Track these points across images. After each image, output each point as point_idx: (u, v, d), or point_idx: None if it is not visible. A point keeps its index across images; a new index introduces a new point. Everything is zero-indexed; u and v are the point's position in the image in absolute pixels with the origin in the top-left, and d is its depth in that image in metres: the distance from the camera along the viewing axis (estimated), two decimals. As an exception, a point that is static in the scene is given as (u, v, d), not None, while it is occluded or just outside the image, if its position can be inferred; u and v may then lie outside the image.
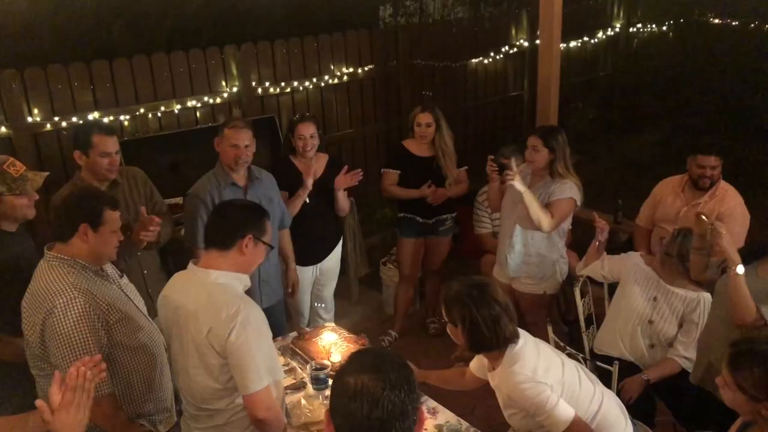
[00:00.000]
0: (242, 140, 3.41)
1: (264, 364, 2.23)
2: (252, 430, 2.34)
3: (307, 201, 3.86)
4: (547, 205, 3.63)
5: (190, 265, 2.41)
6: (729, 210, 3.71)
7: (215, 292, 2.29)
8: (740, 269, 2.67)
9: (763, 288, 2.71)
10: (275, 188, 3.69)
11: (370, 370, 1.48)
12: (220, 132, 3.48)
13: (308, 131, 3.91)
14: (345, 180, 3.96)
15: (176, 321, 2.37)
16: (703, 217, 2.84)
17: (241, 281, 2.38)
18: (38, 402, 1.88)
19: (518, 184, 3.55)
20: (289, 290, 3.95)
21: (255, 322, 2.26)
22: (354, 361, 1.56)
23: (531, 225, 3.70)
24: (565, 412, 2.36)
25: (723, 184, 3.88)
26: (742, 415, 2.14)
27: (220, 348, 2.21)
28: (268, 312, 3.29)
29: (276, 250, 3.71)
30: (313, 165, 3.91)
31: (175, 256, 3.74)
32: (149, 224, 3.11)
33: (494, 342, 2.38)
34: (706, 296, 3.17)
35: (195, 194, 3.48)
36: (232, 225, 2.36)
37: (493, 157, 3.83)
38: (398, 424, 1.44)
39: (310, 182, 3.84)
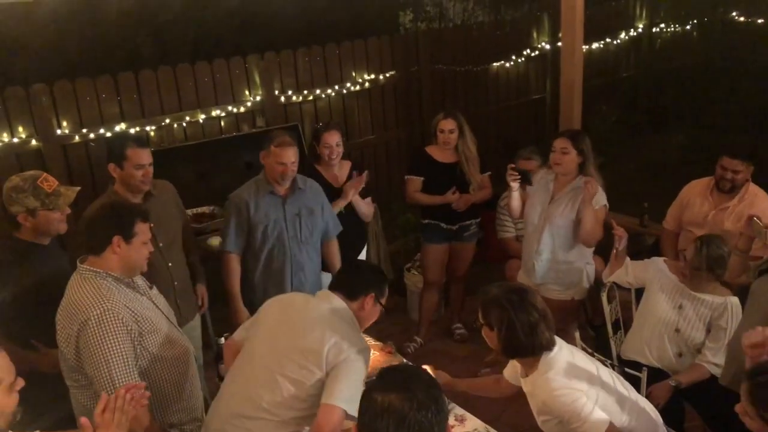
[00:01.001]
0: (289, 158, 3.44)
1: (355, 394, 2.18)
2: None
3: (343, 212, 3.89)
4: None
5: (325, 291, 2.61)
6: (760, 212, 3.64)
7: (339, 319, 2.48)
8: None
9: None
10: (320, 198, 3.69)
11: (399, 388, 1.48)
12: (266, 146, 3.50)
13: (334, 139, 3.94)
14: (352, 185, 3.97)
15: (281, 324, 2.50)
16: (756, 220, 2.81)
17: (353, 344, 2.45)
18: (82, 420, 1.93)
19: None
20: None
21: (366, 358, 2.42)
22: (383, 378, 1.56)
23: (563, 233, 3.70)
24: (600, 419, 2.34)
25: (753, 188, 3.83)
26: None
27: (332, 362, 2.32)
28: None
29: (317, 262, 3.76)
30: (339, 174, 3.95)
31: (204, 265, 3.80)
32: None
33: (530, 348, 2.36)
34: (734, 300, 3.13)
35: (231, 200, 3.57)
36: (361, 281, 2.58)
37: (513, 165, 3.82)
38: None
39: (351, 194, 3.92)
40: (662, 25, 8.45)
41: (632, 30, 7.96)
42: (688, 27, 8.61)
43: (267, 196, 3.52)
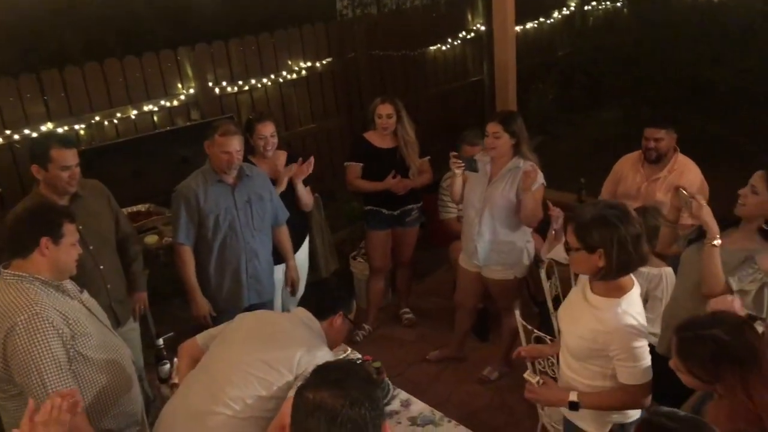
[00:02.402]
0: (234, 147, 3.42)
1: None
2: None
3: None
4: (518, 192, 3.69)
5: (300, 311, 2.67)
6: (688, 183, 3.76)
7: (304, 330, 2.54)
8: (718, 241, 2.71)
9: (727, 259, 2.75)
10: (267, 185, 3.71)
11: (332, 385, 1.44)
12: (209, 136, 3.47)
13: (268, 130, 3.88)
14: (300, 171, 3.94)
15: (261, 334, 2.52)
16: (683, 190, 2.86)
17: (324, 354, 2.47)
18: None
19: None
20: (289, 289, 3.96)
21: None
22: (317, 375, 1.52)
23: (504, 214, 3.74)
24: (650, 369, 2.31)
25: (682, 158, 3.94)
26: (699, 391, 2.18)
27: (297, 373, 2.34)
28: (256, 309, 3.32)
29: (269, 248, 3.75)
30: (275, 164, 3.89)
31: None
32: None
33: (637, 261, 2.30)
34: (668, 271, 3.21)
35: (179, 192, 3.51)
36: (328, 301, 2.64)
37: (456, 153, 3.84)
38: None
39: (284, 183, 3.89)
40: (593, 3, 8.58)
41: (564, 8, 8.06)
42: (618, 3, 8.76)
43: (215, 185, 3.49)
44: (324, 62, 5.79)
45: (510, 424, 3.80)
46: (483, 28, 6.83)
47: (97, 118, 4.61)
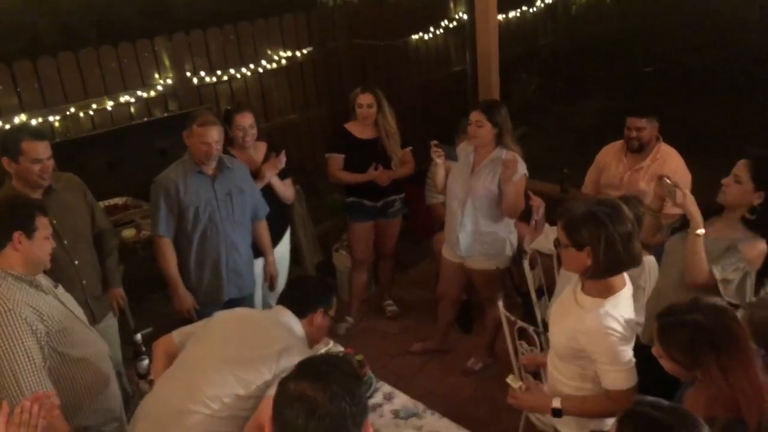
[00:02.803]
0: (212, 137, 3.35)
1: None
2: None
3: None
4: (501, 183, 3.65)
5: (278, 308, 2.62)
6: (671, 172, 3.74)
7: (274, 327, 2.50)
8: (701, 231, 2.69)
9: (710, 248, 2.74)
10: (248, 178, 3.65)
11: (314, 378, 1.43)
12: (188, 126, 3.41)
13: (247, 121, 3.81)
14: (272, 165, 3.87)
15: (234, 332, 2.49)
16: (666, 179, 2.84)
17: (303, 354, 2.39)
18: None
19: None
20: (267, 283, 3.91)
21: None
22: (301, 367, 1.50)
23: (486, 204, 3.71)
24: (634, 374, 2.25)
25: (664, 147, 3.93)
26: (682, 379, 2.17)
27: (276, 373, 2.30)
28: (236, 304, 3.30)
29: (249, 242, 3.70)
30: (254, 156, 3.83)
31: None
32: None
33: (627, 262, 2.24)
34: (651, 260, 3.20)
35: (159, 182, 3.45)
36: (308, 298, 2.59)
37: (436, 142, 3.80)
38: None
39: (269, 175, 3.82)
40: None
41: (547, -3, 8.04)
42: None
43: (195, 175, 3.43)
44: (304, 51, 5.72)
45: (494, 415, 3.78)
46: (465, 17, 6.79)
47: (72, 110, 4.51)
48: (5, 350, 2.20)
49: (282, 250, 4.12)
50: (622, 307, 2.26)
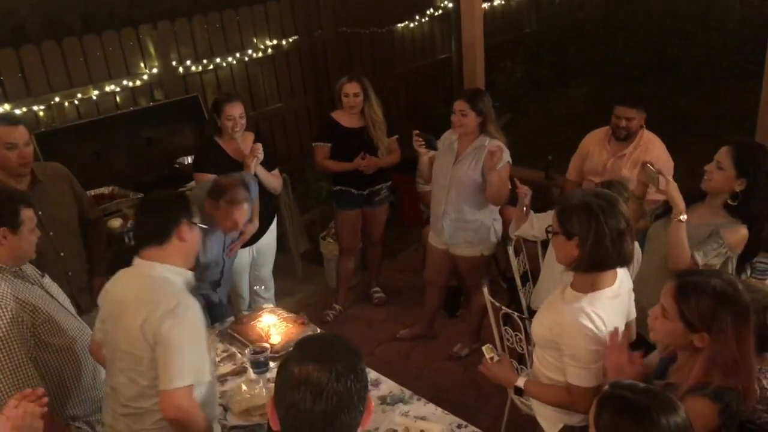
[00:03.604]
0: (243, 217, 3.21)
1: (191, 364, 2.15)
2: None
3: None
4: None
5: (135, 260, 2.31)
6: (654, 159, 3.75)
7: (158, 284, 2.23)
8: (684, 216, 2.72)
9: (693, 234, 2.79)
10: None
11: (317, 358, 1.44)
12: (213, 197, 3.18)
13: (237, 111, 3.80)
14: (250, 157, 3.77)
15: (112, 314, 2.29)
16: (650, 166, 2.87)
17: (184, 276, 2.31)
18: None
19: None
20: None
21: (193, 318, 2.19)
22: (301, 348, 1.51)
23: (470, 192, 3.74)
24: (596, 375, 2.23)
25: (647, 134, 3.97)
26: (661, 347, 2.19)
27: (152, 339, 2.13)
28: None
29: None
30: (241, 146, 3.83)
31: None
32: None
33: (614, 260, 2.18)
34: (635, 247, 3.24)
35: None
36: (164, 217, 2.28)
37: (418, 131, 3.82)
38: (343, 416, 1.41)
39: (253, 167, 3.74)
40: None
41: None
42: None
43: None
44: (290, 40, 5.71)
45: (480, 400, 3.83)
46: (451, 5, 6.79)
47: (57, 99, 4.50)
48: None
49: (269, 239, 4.13)
50: (601, 305, 2.22)
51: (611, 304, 2.25)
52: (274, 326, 3.16)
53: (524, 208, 3.54)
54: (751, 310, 2.00)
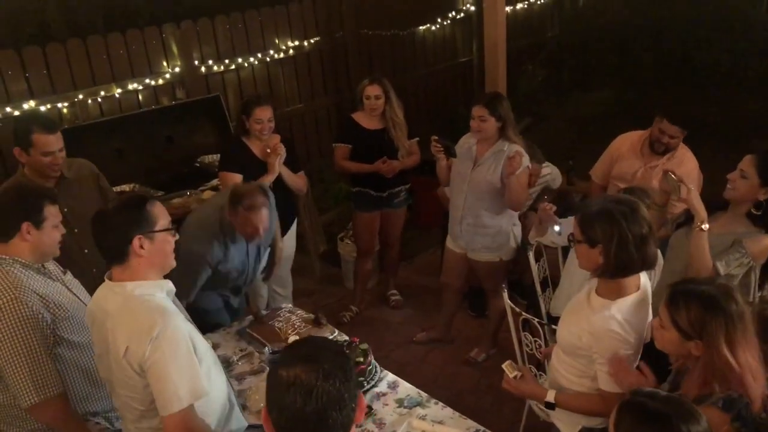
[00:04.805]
0: (263, 223, 3.17)
1: (183, 385, 2.00)
2: None
3: (270, 186, 3.78)
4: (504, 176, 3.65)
5: (106, 281, 2.15)
6: (686, 172, 3.65)
7: (133, 305, 2.06)
8: (706, 226, 2.70)
9: (715, 243, 2.75)
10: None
11: (304, 360, 1.47)
12: (232, 205, 3.14)
13: (266, 115, 3.82)
14: (272, 156, 3.79)
15: (103, 338, 2.13)
16: (672, 174, 2.84)
17: (161, 287, 2.14)
18: None
19: None
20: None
21: (172, 338, 2.00)
22: (288, 352, 1.56)
23: (488, 197, 3.72)
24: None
25: (682, 148, 3.82)
26: (673, 358, 2.18)
27: (138, 368, 2.00)
28: None
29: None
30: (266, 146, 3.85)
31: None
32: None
33: (639, 264, 2.19)
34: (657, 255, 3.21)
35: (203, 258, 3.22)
36: (115, 238, 2.08)
37: (437, 137, 3.80)
38: (335, 414, 1.45)
39: (277, 166, 3.76)
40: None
41: (555, -11, 8.02)
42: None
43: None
44: (312, 41, 5.73)
45: (497, 405, 3.81)
46: (473, 8, 6.78)
47: (81, 96, 4.55)
48: (6, 334, 2.22)
49: (289, 239, 4.14)
50: (630, 311, 2.24)
51: (638, 309, 2.26)
52: (291, 326, 3.16)
53: (540, 219, 3.51)
54: (748, 316, 1.99)
